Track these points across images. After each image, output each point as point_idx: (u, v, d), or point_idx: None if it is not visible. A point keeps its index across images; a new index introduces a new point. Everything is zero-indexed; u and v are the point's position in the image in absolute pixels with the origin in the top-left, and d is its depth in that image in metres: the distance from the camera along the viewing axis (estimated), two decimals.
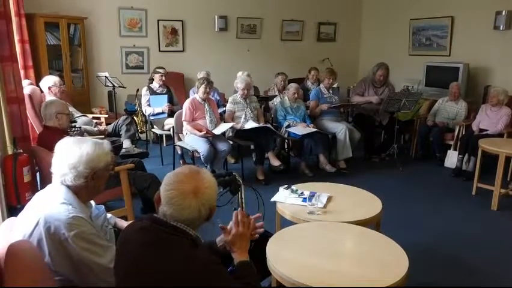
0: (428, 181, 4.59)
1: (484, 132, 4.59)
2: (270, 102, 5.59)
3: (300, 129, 4.61)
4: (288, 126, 4.74)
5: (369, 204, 2.52)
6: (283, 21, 7.11)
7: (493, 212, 3.75)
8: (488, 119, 4.69)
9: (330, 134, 4.83)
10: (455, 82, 5.25)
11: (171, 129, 4.74)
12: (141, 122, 5.21)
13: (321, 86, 5.22)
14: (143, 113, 5.20)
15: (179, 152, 4.86)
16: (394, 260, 1.82)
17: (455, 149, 4.87)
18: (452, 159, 4.87)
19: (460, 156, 4.69)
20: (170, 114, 4.94)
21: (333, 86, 5.29)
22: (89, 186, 1.62)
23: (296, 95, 4.90)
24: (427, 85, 6.09)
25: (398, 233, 2.18)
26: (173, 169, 4.74)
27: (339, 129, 4.76)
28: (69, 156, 1.59)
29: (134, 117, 4.97)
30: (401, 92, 5.30)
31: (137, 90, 5.23)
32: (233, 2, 6.67)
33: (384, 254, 1.89)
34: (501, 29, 5.34)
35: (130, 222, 1.72)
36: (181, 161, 4.89)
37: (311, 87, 5.84)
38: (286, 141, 4.89)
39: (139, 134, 5.26)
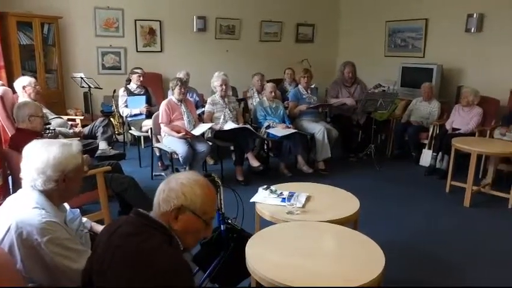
0: (404, 180, 4.68)
1: (457, 131, 4.72)
2: (250, 103, 5.59)
3: (280, 130, 4.63)
4: (268, 126, 4.75)
5: (347, 203, 2.56)
6: (262, 22, 7.13)
7: (466, 209, 3.86)
8: (461, 118, 4.83)
9: (309, 134, 4.86)
10: (427, 83, 5.38)
11: (149, 131, 4.67)
12: (118, 124, 5.11)
13: (300, 86, 5.26)
14: (120, 115, 5.11)
15: (157, 154, 4.80)
16: (371, 258, 1.85)
17: (429, 148, 4.99)
18: (426, 157, 4.98)
19: (434, 154, 4.80)
20: (148, 115, 4.87)
21: (311, 86, 5.33)
22: (60, 189, 1.58)
23: (273, 94, 4.91)
24: (403, 85, 6.21)
25: (375, 231, 2.22)
26: (152, 171, 4.60)
27: (318, 129, 4.80)
28: (36, 160, 1.54)
29: (111, 119, 4.88)
30: (377, 93, 5.39)
31: (114, 91, 5.14)
32: (212, 2, 6.64)
33: (362, 252, 1.93)
34: (472, 31, 5.50)
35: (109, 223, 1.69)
36: (159, 163, 4.83)
37: (289, 88, 5.87)
38: (266, 141, 4.90)
39: (116, 136, 5.17)
